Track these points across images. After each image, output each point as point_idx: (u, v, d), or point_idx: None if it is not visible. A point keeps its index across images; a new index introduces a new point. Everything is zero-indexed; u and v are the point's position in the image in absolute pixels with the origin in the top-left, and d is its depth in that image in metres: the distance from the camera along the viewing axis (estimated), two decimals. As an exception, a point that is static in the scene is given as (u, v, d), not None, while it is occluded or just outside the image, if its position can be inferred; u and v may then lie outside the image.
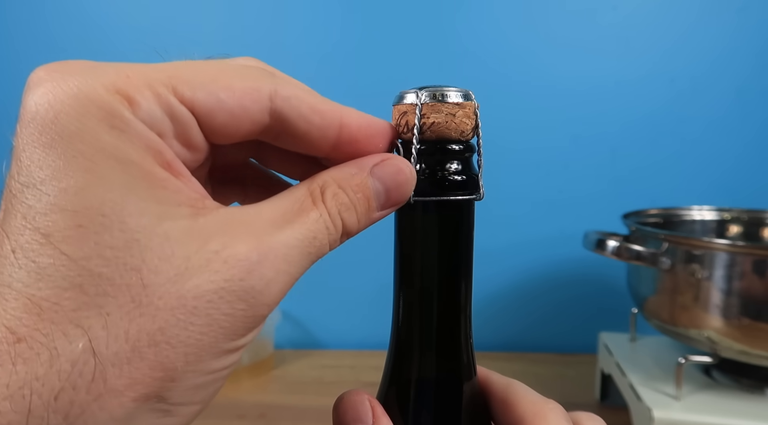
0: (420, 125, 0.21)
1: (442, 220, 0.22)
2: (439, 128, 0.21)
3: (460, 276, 0.22)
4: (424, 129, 0.21)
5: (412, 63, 0.74)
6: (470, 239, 0.22)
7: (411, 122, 0.21)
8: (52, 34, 0.76)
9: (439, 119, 0.20)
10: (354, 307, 0.80)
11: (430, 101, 0.21)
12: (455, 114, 0.21)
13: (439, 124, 0.20)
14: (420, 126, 0.21)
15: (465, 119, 0.21)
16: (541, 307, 0.79)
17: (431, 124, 0.21)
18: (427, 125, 0.21)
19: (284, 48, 0.75)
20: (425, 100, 0.21)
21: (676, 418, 0.47)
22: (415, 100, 0.21)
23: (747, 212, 0.66)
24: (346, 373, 0.72)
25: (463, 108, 0.21)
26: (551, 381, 0.68)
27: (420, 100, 0.21)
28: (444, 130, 0.21)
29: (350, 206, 0.18)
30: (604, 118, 0.74)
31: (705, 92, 0.73)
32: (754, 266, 0.47)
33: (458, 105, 0.21)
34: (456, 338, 0.22)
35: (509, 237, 0.77)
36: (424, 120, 0.21)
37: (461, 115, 0.21)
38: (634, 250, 0.52)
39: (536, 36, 0.73)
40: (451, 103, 0.21)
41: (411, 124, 0.21)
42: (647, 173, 0.75)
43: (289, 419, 0.61)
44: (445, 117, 0.20)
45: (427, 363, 0.22)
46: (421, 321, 0.22)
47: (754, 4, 0.71)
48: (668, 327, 0.53)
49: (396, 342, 0.23)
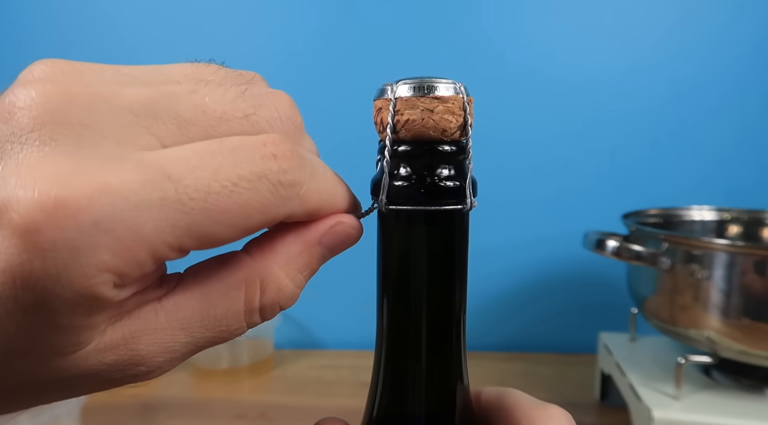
0: (393, 123, 0.18)
1: (427, 233, 0.19)
2: (414, 126, 0.18)
3: (444, 296, 0.19)
4: (398, 127, 0.18)
5: (404, 58, 0.74)
6: (456, 257, 0.19)
7: (386, 119, 0.18)
8: (59, 26, 0.76)
9: (414, 115, 0.18)
10: (354, 307, 0.80)
11: (406, 94, 0.18)
12: (434, 109, 0.17)
13: (414, 121, 0.18)
14: (393, 124, 0.18)
15: (447, 116, 0.18)
16: (541, 307, 0.79)
17: (405, 121, 0.18)
18: (401, 123, 0.18)
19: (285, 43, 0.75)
20: (400, 94, 0.18)
21: (676, 418, 0.47)
22: (389, 96, 0.18)
23: (747, 212, 0.66)
24: (345, 373, 0.72)
25: (444, 103, 0.18)
26: (551, 381, 0.68)
27: (393, 94, 0.18)
28: (420, 128, 0.18)
29: (292, 293, 0.17)
30: (604, 118, 0.74)
31: (705, 93, 0.73)
32: (753, 266, 0.47)
33: (438, 99, 0.18)
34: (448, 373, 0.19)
35: (509, 237, 0.77)
36: (398, 117, 0.18)
37: (442, 111, 0.18)
38: (633, 250, 0.52)
39: (536, 36, 0.73)
40: (429, 97, 0.17)
41: (386, 122, 0.18)
42: (647, 173, 0.75)
43: (289, 419, 0.61)
44: (422, 113, 0.17)
45: (417, 404, 0.19)
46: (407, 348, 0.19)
47: (753, 5, 0.71)
48: (668, 327, 0.53)
49: (380, 375, 0.20)
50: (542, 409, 0.20)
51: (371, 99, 0.19)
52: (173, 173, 0.13)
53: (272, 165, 0.15)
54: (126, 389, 0.16)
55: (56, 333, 0.13)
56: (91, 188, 0.12)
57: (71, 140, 0.13)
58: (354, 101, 0.68)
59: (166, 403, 0.65)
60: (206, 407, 0.65)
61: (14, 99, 0.13)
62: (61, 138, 0.13)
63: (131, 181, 0.13)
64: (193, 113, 0.15)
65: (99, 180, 0.12)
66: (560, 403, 0.21)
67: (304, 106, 0.18)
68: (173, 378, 0.72)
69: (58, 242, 0.12)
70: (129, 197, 0.13)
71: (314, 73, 0.75)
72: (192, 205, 0.13)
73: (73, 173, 0.12)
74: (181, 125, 0.15)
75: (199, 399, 0.67)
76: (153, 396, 0.67)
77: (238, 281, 0.16)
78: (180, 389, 0.69)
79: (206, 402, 0.66)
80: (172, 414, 0.63)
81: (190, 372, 0.73)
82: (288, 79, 0.74)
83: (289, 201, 0.15)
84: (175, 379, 0.71)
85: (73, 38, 0.76)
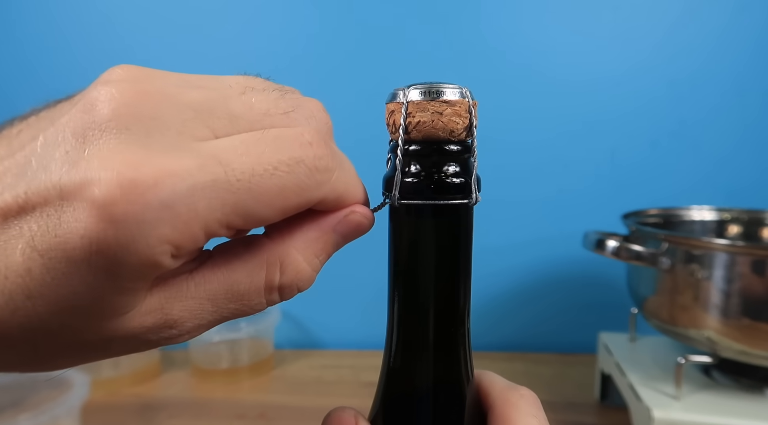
0: (405, 125, 0.19)
1: (435, 226, 0.20)
2: (425, 127, 0.19)
3: (451, 286, 0.20)
4: (410, 129, 0.19)
5: (404, 59, 0.74)
6: (462, 248, 0.20)
7: (398, 121, 0.20)
8: (59, 26, 0.76)
9: (425, 117, 0.19)
10: (354, 307, 0.80)
11: (417, 98, 0.19)
12: (442, 112, 0.19)
13: (424, 123, 0.19)
14: (405, 126, 0.19)
15: (455, 118, 0.19)
16: (541, 307, 0.79)
17: (417, 123, 0.19)
18: (412, 124, 0.19)
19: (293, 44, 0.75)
20: (411, 98, 0.19)
21: (676, 418, 0.47)
22: (401, 100, 0.19)
23: (747, 212, 0.66)
24: (345, 373, 0.72)
25: (452, 106, 0.19)
26: (551, 381, 0.68)
27: (405, 98, 0.19)
28: (430, 129, 0.19)
29: (309, 275, 0.19)
30: (604, 118, 0.74)
31: (705, 93, 0.73)
32: (753, 266, 0.47)
33: (446, 103, 0.19)
34: (455, 355, 0.21)
35: (509, 237, 0.77)
36: (410, 119, 0.19)
37: (450, 113, 0.19)
38: (633, 250, 0.52)
39: (536, 37, 0.73)
40: (439, 100, 0.19)
41: (398, 124, 0.20)
42: (647, 173, 0.75)
43: (289, 419, 0.61)
44: (431, 116, 0.19)
45: (424, 385, 0.21)
46: (417, 337, 0.21)
47: (753, 5, 0.71)
48: (668, 327, 0.53)
49: (389, 360, 0.21)
50: (515, 389, 0.22)
51: (371, 100, 0.20)
52: (223, 158, 0.16)
53: (309, 152, 0.17)
54: (126, 389, 0.17)
55: (117, 294, 0.15)
56: (157, 172, 0.14)
57: (142, 130, 0.15)
58: (354, 102, 0.69)
59: (166, 403, 0.65)
60: (206, 407, 0.65)
61: (96, 94, 0.16)
62: (133, 128, 0.15)
63: (189, 166, 0.15)
64: (242, 110, 0.17)
65: (163, 165, 0.15)
66: (560, 403, 0.21)
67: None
68: (173, 378, 0.72)
69: (130, 216, 0.14)
70: (186, 180, 0.15)
71: (314, 73, 0.75)
72: (238, 186, 0.16)
73: (144, 158, 0.15)
74: (231, 120, 0.17)
75: (199, 399, 0.67)
76: (153, 396, 0.67)
77: (260, 262, 0.18)
78: (180, 389, 0.69)
79: (206, 402, 0.66)
80: (172, 414, 0.63)
81: (190, 372, 0.73)
82: (288, 80, 0.74)
83: (323, 185, 0.17)
84: (175, 379, 0.72)
85: (74, 38, 0.76)
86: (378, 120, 0.23)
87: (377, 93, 0.22)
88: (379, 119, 0.22)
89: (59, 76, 0.75)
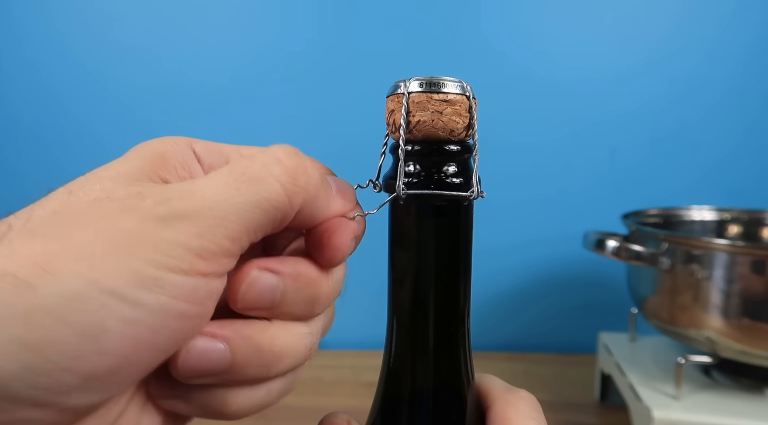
0: (406, 124, 0.19)
1: (435, 225, 0.20)
2: (425, 127, 0.19)
3: (451, 286, 0.20)
4: (410, 128, 0.19)
5: (404, 59, 0.74)
6: (462, 247, 0.20)
7: (398, 121, 0.19)
8: (59, 26, 0.76)
9: (425, 117, 0.19)
10: (354, 307, 0.79)
11: (417, 90, 0.19)
12: (443, 112, 0.19)
13: (424, 123, 0.19)
14: (406, 125, 0.19)
15: (454, 117, 0.19)
16: (541, 307, 0.79)
17: (416, 123, 0.19)
18: (412, 124, 0.19)
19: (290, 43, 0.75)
20: (412, 89, 0.19)
21: (676, 418, 0.47)
22: (402, 91, 0.19)
23: (747, 212, 0.66)
24: (345, 373, 0.72)
25: (452, 105, 0.19)
26: (551, 381, 0.68)
27: (406, 89, 0.19)
28: (430, 129, 0.19)
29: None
30: (604, 118, 0.74)
31: (705, 93, 0.73)
32: (753, 266, 0.47)
33: (446, 102, 0.19)
34: (455, 354, 0.21)
35: (509, 237, 0.77)
36: (410, 118, 0.19)
37: (450, 112, 0.19)
38: (633, 250, 0.52)
39: (536, 37, 0.73)
40: (439, 100, 0.19)
41: (398, 123, 0.19)
42: (647, 173, 0.75)
43: (289, 419, 0.61)
44: (431, 115, 0.19)
45: (424, 386, 0.21)
46: (417, 337, 0.21)
47: (753, 5, 0.71)
48: (668, 327, 0.53)
49: (389, 361, 0.22)
50: (515, 392, 0.22)
51: (370, 101, 0.20)
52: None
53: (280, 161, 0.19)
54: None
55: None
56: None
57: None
58: (354, 103, 0.69)
59: (166, 403, 0.65)
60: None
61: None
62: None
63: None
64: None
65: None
66: (560, 403, 0.22)
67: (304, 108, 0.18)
68: (173, 378, 0.72)
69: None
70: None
71: (315, 74, 0.75)
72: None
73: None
74: None
75: (199, 399, 0.67)
76: (153, 396, 0.67)
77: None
78: (180, 389, 0.69)
79: (206, 402, 0.66)
80: (172, 414, 0.63)
81: (190, 372, 0.73)
82: (288, 80, 0.75)
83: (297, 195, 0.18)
84: (175, 379, 0.71)
85: (74, 38, 0.76)
86: (378, 120, 0.23)
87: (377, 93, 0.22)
88: (379, 118, 0.22)
89: (59, 76, 0.75)
